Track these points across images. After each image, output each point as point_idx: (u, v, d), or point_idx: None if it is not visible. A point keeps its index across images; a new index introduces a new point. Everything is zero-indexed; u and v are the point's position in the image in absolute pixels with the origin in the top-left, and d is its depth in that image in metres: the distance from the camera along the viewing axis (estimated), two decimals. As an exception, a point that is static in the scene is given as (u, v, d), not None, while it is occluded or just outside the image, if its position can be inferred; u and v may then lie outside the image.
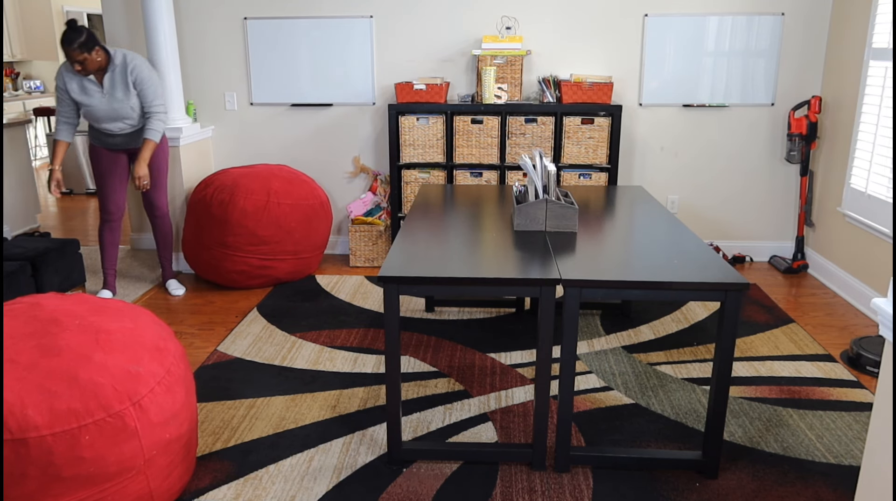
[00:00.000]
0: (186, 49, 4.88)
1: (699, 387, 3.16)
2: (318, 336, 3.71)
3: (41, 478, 1.94)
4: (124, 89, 3.87)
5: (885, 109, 3.92)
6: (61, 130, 3.96)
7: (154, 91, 3.90)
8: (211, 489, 2.46)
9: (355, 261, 4.89)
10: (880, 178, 3.96)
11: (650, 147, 4.87)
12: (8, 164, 5.69)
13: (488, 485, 2.47)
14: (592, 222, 3.07)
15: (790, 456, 2.64)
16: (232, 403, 3.04)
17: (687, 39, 4.65)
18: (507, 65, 4.56)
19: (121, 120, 3.93)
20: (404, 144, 4.60)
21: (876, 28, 4.04)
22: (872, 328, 3.85)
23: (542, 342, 2.41)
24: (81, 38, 3.64)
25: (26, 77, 10.31)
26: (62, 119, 3.94)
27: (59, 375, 2.00)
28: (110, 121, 3.92)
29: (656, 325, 3.85)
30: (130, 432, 2.05)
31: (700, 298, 2.34)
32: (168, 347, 2.31)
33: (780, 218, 4.95)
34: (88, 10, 10.48)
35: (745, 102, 4.74)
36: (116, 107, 3.89)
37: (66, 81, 3.87)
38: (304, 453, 2.67)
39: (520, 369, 3.34)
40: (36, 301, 2.33)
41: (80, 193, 7.52)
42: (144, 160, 3.92)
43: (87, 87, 3.87)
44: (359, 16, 4.74)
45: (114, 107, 3.88)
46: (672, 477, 2.52)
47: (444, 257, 2.56)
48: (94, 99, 3.87)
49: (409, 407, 3.00)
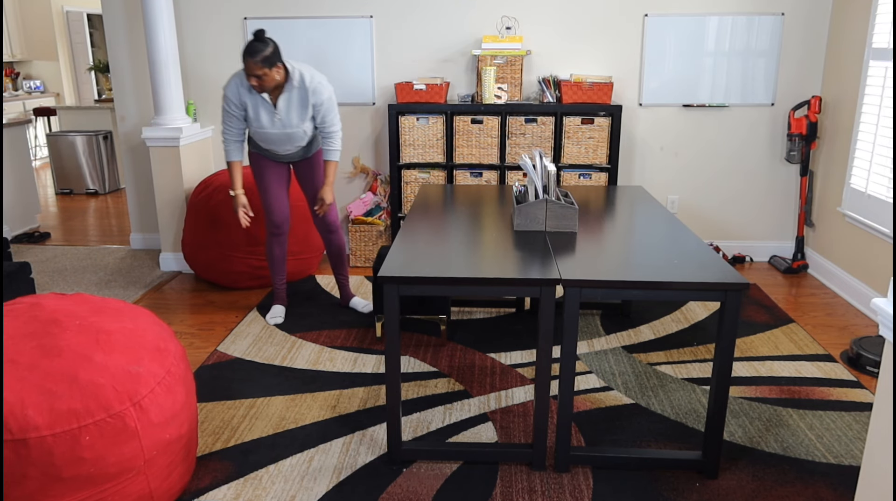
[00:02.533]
0: (186, 49, 4.88)
1: (699, 387, 3.16)
2: (318, 336, 3.71)
3: (41, 479, 1.94)
4: (301, 112, 3.50)
5: (885, 109, 3.92)
6: (233, 150, 3.58)
7: (335, 113, 3.56)
8: (211, 489, 2.46)
9: (355, 261, 4.89)
10: (880, 178, 3.96)
11: (650, 147, 4.87)
12: (8, 164, 5.69)
13: (488, 485, 2.47)
14: (592, 222, 3.07)
15: (790, 456, 2.64)
16: (232, 403, 3.04)
17: (687, 39, 4.65)
18: (507, 65, 4.56)
19: (291, 144, 3.59)
20: (404, 144, 4.60)
21: (876, 28, 4.04)
22: (872, 328, 3.85)
23: (542, 342, 2.41)
24: (267, 50, 3.27)
25: (26, 77, 10.31)
26: (232, 137, 3.55)
27: (59, 375, 2.00)
28: (280, 145, 3.58)
29: (656, 325, 3.85)
30: (131, 432, 2.05)
31: (700, 298, 2.34)
32: (168, 347, 2.31)
33: (780, 218, 4.95)
34: (88, 10, 10.48)
35: (745, 102, 4.74)
36: (290, 132, 3.52)
37: (240, 94, 3.45)
38: (304, 453, 2.67)
39: (520, 369, 3.34)
40: (36, 302, 2.33)
41: (80, 193, 7.52)
42: (331, 185, 3.63)
43: (260, 107, 3.47)
44: (359, 16, 4.74)
45: (287, 132, 3.52)
46: (672, 477, 2.52)
47: (444, 257, 2.56)
48: (265, 121, 3.48)
49: (409, 407, 3.00)
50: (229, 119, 3.52)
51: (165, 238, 4.76)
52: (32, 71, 10.32)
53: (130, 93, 4.99)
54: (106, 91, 10.21)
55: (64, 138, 7.36)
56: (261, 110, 3.48)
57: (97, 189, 7.52)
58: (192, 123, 4.78)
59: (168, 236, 4.75)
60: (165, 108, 4.49)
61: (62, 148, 7.40)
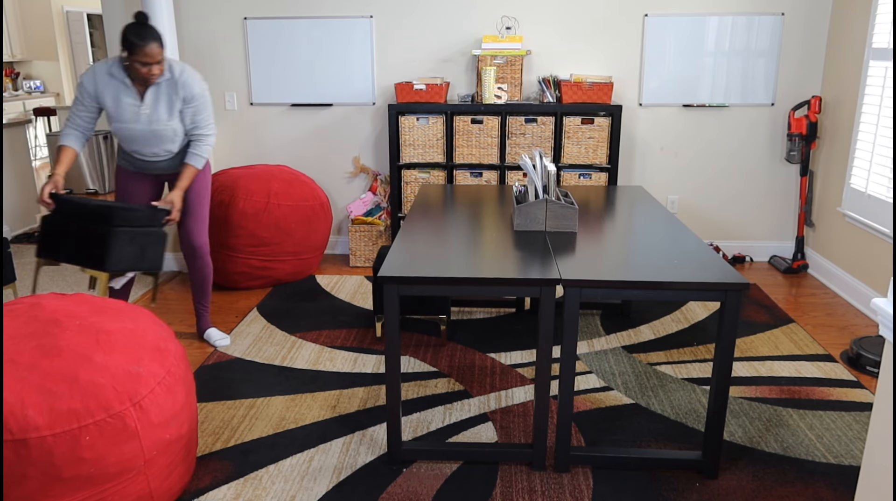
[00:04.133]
0: (186, 49, 4.88)
1: (699, 387, 3.16)
2: (318, 336, 3.71)
3: (41, 479, 1.94)
4: (168, 108, 3.16)
5: (885, 109, 3.92)
6: (69, 135, 3.16)
7: (208, 113, 3.26)
8: (211, 489, 2.46)
9: (355, 261, 4.89)
10: (880, 178, 3.96)
11: (650, 147, 4.87)
12: (8, 164, 5.69)
13: (488, 485, 2.47)
14: (592, 222, 3.07)
15: (790, 456, 2.64)
16: (232, 403, 3.04)
17: (687, 39, 4.65)
18: (507, 65, 4.56)
19: (158, 146, 3.22)
20: (404, 144, 4.60)
21: (876, 28, 4.04)
22: (872, 328, 3.85)
23: (542, 342, 2.41)
24: (159, 35, 2.97)
25: (26, 77, 10.31)
26: (75, 124, 3.16)
27: (59, 375, 2.00)
28: (145, 145, 3.21)
29: (656, 325, 3.85)
30: (131, 432, 2.05)
31: (700, 298, 2.34)
32: (168, 347, 2.31)
33: (780, 218, 4.95)
34: (88, 10, 10.48)
35: (745, 102, 4.74)
36: (156, 129, 3.16)
37: (98, 83, 3.09)
38: (304, 453, 2.67)
39: (520, 369, 3.34)
40: (36, 302, 2.33)
41: (80, 192, 7.52)
42: (182, 189, 3.21)
43: (123, 99, 3.11)
44: (359, 16, 4.74)
45: (153, 129, 3.16)
46: (672, 477, 2.52)
47: (444, 257, 2.56)
48: (128, 115, 3.12)
49: (409, 407, 3.00)
50: (77, 107, 3.13)
51: (165, 238, 4.76)
52: (32, 71, 10.32)
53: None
54: (106, 91, 10.18)
55: (64, 138, 7.34)
56: (123, 103, 3.10)
57: (97, 189, 7.52)
58: (192, 123, 4.78)
59: (168, 236, 4.74)
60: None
61: (62, 148, 7.38)
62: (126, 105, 3.12)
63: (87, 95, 3.12)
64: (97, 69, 3.11)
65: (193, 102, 3.19)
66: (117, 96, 3.11)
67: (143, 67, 2.99)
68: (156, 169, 3.33)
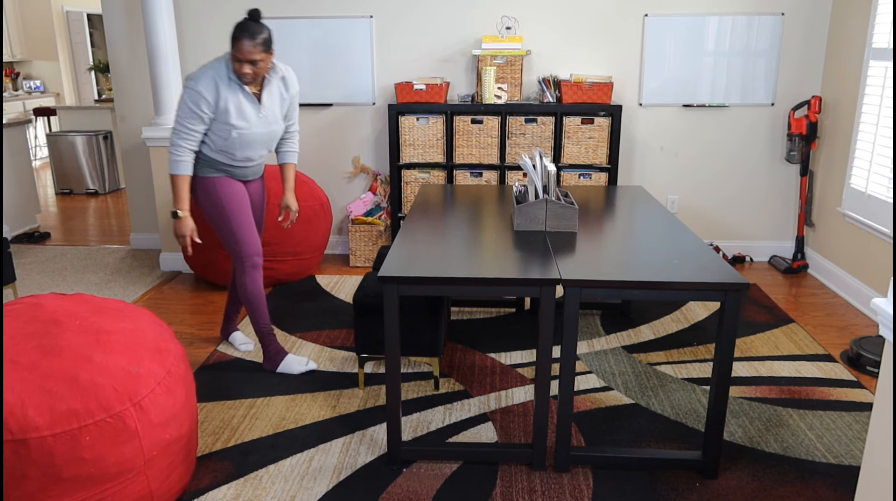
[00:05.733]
0: (186, 49, 4.88)
1: (699, 387, 3.16)
2: (318, 336, 3.71)
3: (41, 479, 1.94)
4: (281, 107, 3.09)
5: (885, 109, 3.92)
6: (189, 161, 2.94)
7: (297, 107, 3.22)
8: (211, 489, 2.46)
9: (355, 261, 4.89)
10: (880, 178, 3.96)
11: (650, 147, 4.87)
12: (8, 164, 5.69)
13: (488, 485, 2.47)
14: (592, 222, 3.07)
15: (790, 456, 2.64)
16: (232, 403, 3.04)
17: (687, 39, 4.65)
18: (507, 65, 4.56)
19: (268, 147, 3.12)
20: (404, 144, 4.60)
21: (876, 28, 4.04)
22: (872, 328, 3.85)
23: (542, 342, 2.41)
24: (266, 32, 2.82)
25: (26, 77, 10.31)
26: (191, 145, 2.93)
27: (59, 375, 2.00)
28: (259, 148, 3.07)
29: (656, 325, 3.85)
30: (131, 433, 2.05)
31: (700, 298, 2.34)
32: (168, 347, 2.31)
33: (780, 218, 4.95)
34: (88, 10, 10.48)
35: (745, 102, 4.74)
36: (274, 129, 3.05)
37: (219, 90, 2.87)
38: (304, 453, 2.67)
39: (520, 369, 3.34)
40: (36, 302, 2.33)
41: (79, 193, 7.52)
42: (293, 190, 3.26)
43: (245, 105, 2.94)
44: (359, 16, 4.74)
45: (271, 129, 3.04)
46: (672, 477, 2.52)
47: (444, 257, 2.56)
48: (251, 121, 2.96)
49: (409, 407, 3.00)
50: (193, 121, 2.89)
51: (165, 238, 4.76)
52: (32, 71, 10.32)
53: (130, 93, 4.99)
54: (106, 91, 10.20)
55: (64, 138, 7.36)
56: (246, 109, 2.96)
57: (97, 189, 7.52)
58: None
59: (168, 236, 4.75)
60: (165, 108, 4.48)
61: (62, 148, 7.40)
62: (247, 108, 2.95)
63: (208, 105, 2.88)
64: (214, 75, 2.88)
65: (295, 100, 3.17)
66: (238, 100, 2.93)
67: (239, 64, 2.84)
68: (248, 175, 3.19)
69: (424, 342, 3.03)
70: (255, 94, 3.00)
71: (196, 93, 2.84)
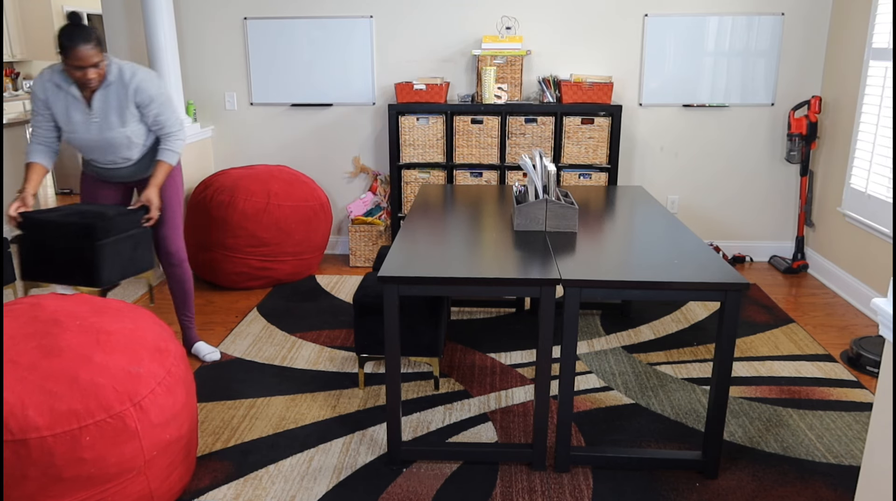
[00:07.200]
0: (186, 49, 4.88)
1: (699, 387, 3.16)
2: (318, 336, 3.71)
3: (42, 479, 1.94)
4: (119, 113, 2.96)
5: (885, 109, 3.92)
6: (36, 151, 2.99)
7: (168, 111, 3.05)
8: (211, 489, 2.46)
9: (355, 261, 4.89)
10: (880, 178, 3.96)
11: (650, 147, 4.87)
12: (8, 164, 5.69)
13: (488, 485, 2.47)
14: (592, 222, 3.07)
15: (790, 456, 2.64)
16: (232, 403, 3.04)
17: (687, 39, 4.65)
18: (507, 65, 4.56)
19: (114, 154, 3.05)
20: (404, 144, 4.60)
21: (876, 28, 4.04)
22: (872, 328, 3.85)
23: (542, 342, 2.41)
24: (95, 32, 2.78)
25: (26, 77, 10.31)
26: (39, 140, 2.99)
27: (59, 376, 2.00)
28: (101, 154, 3.05)
29: (656, 325, 3.85)
30: (131, 433, 2.05)
31: (700, 298, 2.34)
32: (168, 347, 2.31)
33: (780, 218, 4.95)
34: (88, 10, 10.48)
35: (745, 102, 4.74)
36: (108, 136, 2.98)
37: (47, 91, 2.92)
38: (304, 453, 2.67)
39: (520, 369, 3.34)
40: (37, 302, 2.33)
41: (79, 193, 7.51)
42: (156, 186, 3.04)
43: (72, 107, 2.94)
44: (359, 16, 4.74)
45: (105, 136, 2.98)
46: (672, 477, 2.52)
47: (444, 257, 2.56)
48: (77, 124, 2.95)
49: (409, 407, 3.00)
50: (37, 119, 2.96)
51: (165, 238, 4.76)
52: (32, 71, 10.32)
53: (130, 93, 4.98)
54: (106, 91, 10.19)
55: (64, 138, 7.35)
56: (72, 111, 2.93)
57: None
58: (191, 124, 4.79)
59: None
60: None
61: (62, 148, 7.40)
62: (75, 114, 2.94)
63: (41, 104, 2.94)
64: (44, 76, 2.93)
65: (152, 105, 3.00)
66: (66, 105, 2.93)
67: (77, 70, 2.79)
68: (117, 177, 3.18)
69: (424, 342, 3.04)
70: (86, 99, 2.94)
71: (33, 93, 2.93)
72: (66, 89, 2.92)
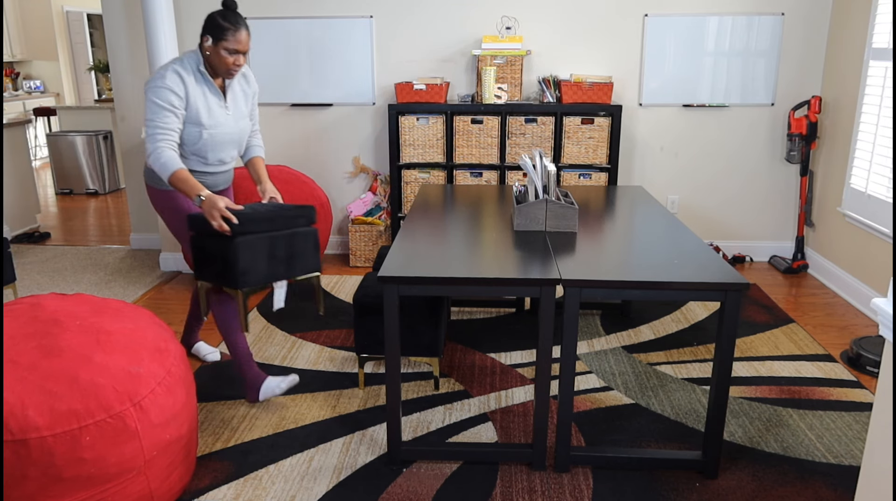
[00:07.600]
0: (186, 49, 4.87)
1: (699, 387, 3.16)
2: (318, 336, 3.71)
3: (42, 479, 1.94)
4: (245, 104, 2.93)
5: (885, 109, 3.92)
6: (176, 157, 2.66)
7: None
8: (211, 489, 2.46)
9: (355, 261, 4.89)
10: (880, 178, 3.96)
11: (650, 147, 4.87)
12: (8, 164, 5.70)
13: (488, 485, 2.47)
14: (592, 222, 3.07)
15: (790, 456, 2.64)
16: (232, 403, 3.04)
17: (687, 39, 4.65)
18: (507, 65, 4.56)
19: (234, 148, 2.93)
20: (404, 144, 4.60)
21: (876, 28, 4.04)
22: (872, 328, 3.85)
23: (542, 342, 2.41)
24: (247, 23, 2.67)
25: (26, 77, 10.31)
26: (170, 143, 2.67)
27: (59, 376, 2.00)
28: (230, 149, 2.90)
29: (656, 325, 3.85)
30: (131, 433, 2.05)
31: (700, 298, 2.34)
32: (168, 347, 2.31)
33: (780, 218, 4.95)
34: (88, 10, 10.48)
35: (745, 102, 4.74)
36: (242, 127, 2.89)
37: (187, 85, 2.71)
38: (304, 453, 2.67)
39: (520, 369, 3.34)
40: (37, 302, 2.33)
41: (80, 193, 7.51)
42: (268, 179, 2.98)
43: (212, 100, 2.79)
44: (359, 16, 4.74)
45: (240, 127, 2.88)
46: (672, 477, 2.52)
47: (444, 257, 2.56)
48: (219, 119, 2.80)
49: (409, 407, 3.00)
50: (167, 118, 2.66)
51: (165, 238, 4.76)
52: (32, 71, 10.32)
53: (130, 93, 4.99)
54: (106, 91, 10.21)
55: (64, 138, 7.36)
56: (212, 103, 2.80)
57: (97, 189, 7.52)
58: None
59: (168, 236, 4.75)
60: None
61: (62, 148, 7.40)
62: (216, 106, 2.80)
63: (179, 100, 2.69)
64: (180, 69, 2.71)
65: (255, 98, 3.01)
66: (206, 98, 2.77)
67: (231, 55, 2.69)
68: (218, 182, 3.00)
69: (424, 342, 3.04)
70: (220, 88, 2.86)
71: (163, 89, 2.65)
72: (204, 82, 2.78)
